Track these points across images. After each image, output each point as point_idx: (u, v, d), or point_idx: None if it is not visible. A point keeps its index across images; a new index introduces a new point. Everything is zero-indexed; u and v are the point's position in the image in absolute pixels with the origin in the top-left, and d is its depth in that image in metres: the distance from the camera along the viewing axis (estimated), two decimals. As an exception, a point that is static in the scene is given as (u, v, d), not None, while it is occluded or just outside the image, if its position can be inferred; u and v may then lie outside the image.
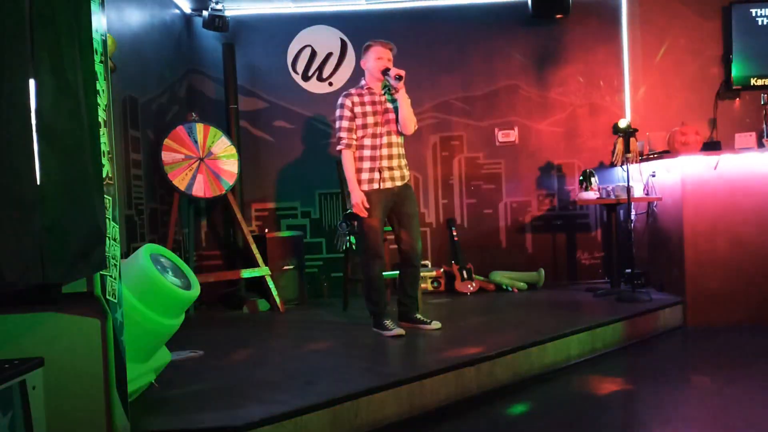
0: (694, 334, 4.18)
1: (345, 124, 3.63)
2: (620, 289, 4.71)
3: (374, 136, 3.64)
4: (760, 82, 5.16)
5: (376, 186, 3.63)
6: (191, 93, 5.36)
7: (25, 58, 1.67)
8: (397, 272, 3.89)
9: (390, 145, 3.67)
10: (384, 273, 3.75)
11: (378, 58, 3.64)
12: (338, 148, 3.66)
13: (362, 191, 3.62)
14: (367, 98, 3.67)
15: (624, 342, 3.86)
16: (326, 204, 5.46)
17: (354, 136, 3.64)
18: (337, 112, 3.67)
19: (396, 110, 3.69)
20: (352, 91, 3.70)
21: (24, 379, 1.79)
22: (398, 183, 3.69)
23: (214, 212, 5.42)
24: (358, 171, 3.64)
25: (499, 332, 3.64)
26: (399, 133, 3.72)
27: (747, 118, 5.27)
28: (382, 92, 3.71)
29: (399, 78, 3.54)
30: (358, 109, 3.63)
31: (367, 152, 3.64)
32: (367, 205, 3.59)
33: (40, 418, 1.86)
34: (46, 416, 1.89)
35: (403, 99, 3.61)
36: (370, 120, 3.63)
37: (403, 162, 3.74)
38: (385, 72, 3.61)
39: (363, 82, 3.73)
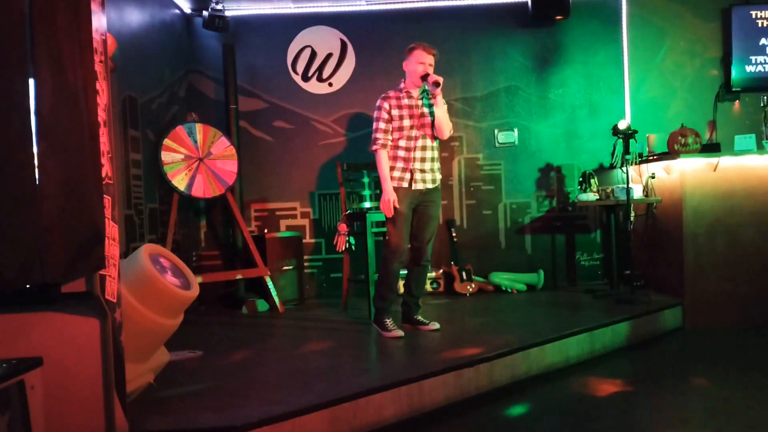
0: (693, 335, 4.18)
1: (381, 125, 3.67)
2: (619, 290, 4.71)
3: (409, 138, 3.68)
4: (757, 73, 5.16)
5: (405, 185, 3.67)
6: (191, 93, 5.36)
7: (25, 57, 1.67)
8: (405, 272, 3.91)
9: (424, 148, 3.70)
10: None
11: (420, 62, 3.66)
12: (373, 147, 3.70)
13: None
14: (404, 101, 3.69)
15: (623, 343, 3.86)
16: (326, 204, 5.46)
17: (389, 137, 3.68)
18: (375, 114, 3.71)
19: (432, 115, 3.71)
20: (390, 93, 3.72)
21: (22, 378, 1.79)
22: (429, 185, 3.73)
23: (213, 212, 5.42)
24: (391, 170, 3.68)
25: (498, 333, 3.63)
26: (434, 137, 3.74)
27: (747, 120, 5.29)
28: (420, 96, 3.73)
29: (436, 84, 3.57)
30: (395, 112, 3.67)
31: (401, 153, 3.68)
32: (398, 206, 3.62)
33: (39, 418, 1.86)
34: (45, 416, 1.89)
35: (440, 105, 3.64)
36: (406, 123, 3.66)
37: (436, 166, 3.77)
38: (425, 77, 3.64)
39: (402, 85, 3.75)
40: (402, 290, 4.02)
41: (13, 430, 1.73)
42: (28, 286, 1.70)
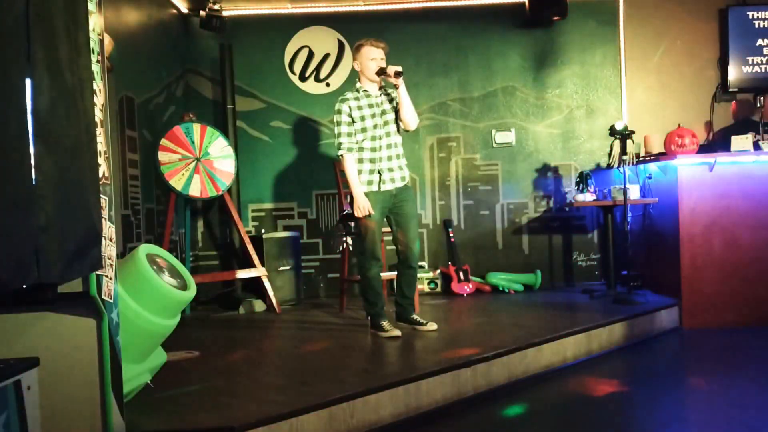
0: (689, 335, 4.18)
1: (344, 129, 3.61)
2: (616, 290, 4.71)
3: (374, 138, 3.62)
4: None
5: (375, 188, 3.63)
6: (188, 93, 5.36)
7: (22, 57, 1.67)
8: (395, 273, 3.90)
9: (389, 146, 3.66)
10: (381, 274, 3.76)
11: (371, 59, 3.59)
12: (339, 153, 3.64)
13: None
14: (363, 101, 3.63)
15: (620, 344, 3.87)
16: (323, 204, 5.46)
17: (354, 140, 3.62)
18: (335, 118, 3.64)
19: (393, 110, 3.68)
20: (348, 95, 3.66)
21: (19, 379, 1.78)
22: (398, 184, 3.68)
23: (210, 212, 5.42)
24: (359, 173, 3.63)
25: (495, 333, 3.64)
26: (398, 134, 3.71)
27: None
28: (379, 93, 3.70)
29: (399, 74, 3.50)
30: (356, 113, 3.60)
31: (367, 154, 3.62)
32: (372, 211, 3.58)
33: (35, 419, 1.86)
34: (41, 416, 1.89)
35: (404, 94, 3.58)
36: (369, 123, 3.61)
37: (403, 163, 3.73)
38: (381, 73, 3.58)
39: (358, 84, 3.69)
40: (395, 291, 3.99)
41: (9, 431, 1.73)
42: (24, 286, 1.69)
